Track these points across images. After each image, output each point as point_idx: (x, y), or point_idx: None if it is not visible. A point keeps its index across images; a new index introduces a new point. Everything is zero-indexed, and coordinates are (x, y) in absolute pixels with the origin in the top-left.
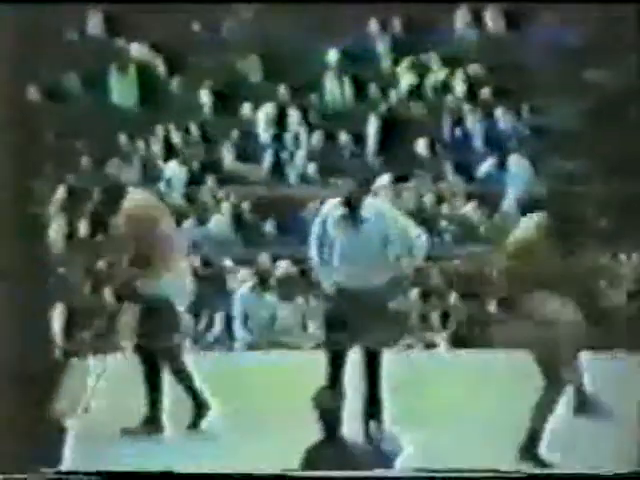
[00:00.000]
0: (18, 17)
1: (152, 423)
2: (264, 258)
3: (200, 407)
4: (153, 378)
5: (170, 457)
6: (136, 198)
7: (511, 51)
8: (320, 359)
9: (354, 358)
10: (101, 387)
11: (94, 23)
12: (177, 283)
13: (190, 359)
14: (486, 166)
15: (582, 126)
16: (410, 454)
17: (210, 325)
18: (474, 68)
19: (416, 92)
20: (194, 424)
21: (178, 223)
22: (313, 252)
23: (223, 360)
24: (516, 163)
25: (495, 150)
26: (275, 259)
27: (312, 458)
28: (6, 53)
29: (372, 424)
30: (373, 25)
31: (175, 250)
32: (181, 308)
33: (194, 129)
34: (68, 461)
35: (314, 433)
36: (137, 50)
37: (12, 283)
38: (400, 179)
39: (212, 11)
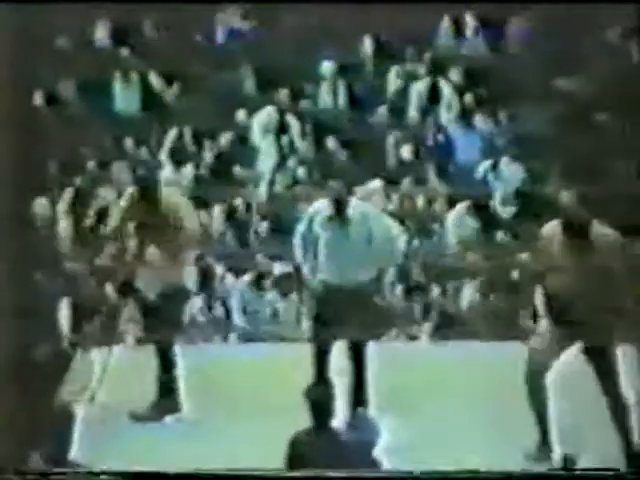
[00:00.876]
0: (20, 23)
1: (160, 408)
2: (259, 257)
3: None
4: (164, 365)
5: (167, 443)
6: (170, 193)
7: (490, 60)
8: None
9: (340, 350)
10: (107, 377)
11: (99, 32)
12: (191, 274)
13: (186, 350)
14: (482, 168)
15: (555, 131)
16: (391, 440)
17: (208, 312)
18: (456, 76)
19: (402, 99)
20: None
21: None
22: (297, 250)
23: (217, 351)
24: (507, 165)
25: (477, 155)
26: (270, 257)
27: (299, 447)
28: (9, 60)
29: (354, 411)
30: (362, 34)
31: (196, 243)
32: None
33: (192, 135)
34: (76, 447)
35: (304, 423)
36: (136, 58)
37: (21, 279)
38: (390, 183)
39: (210, 22)
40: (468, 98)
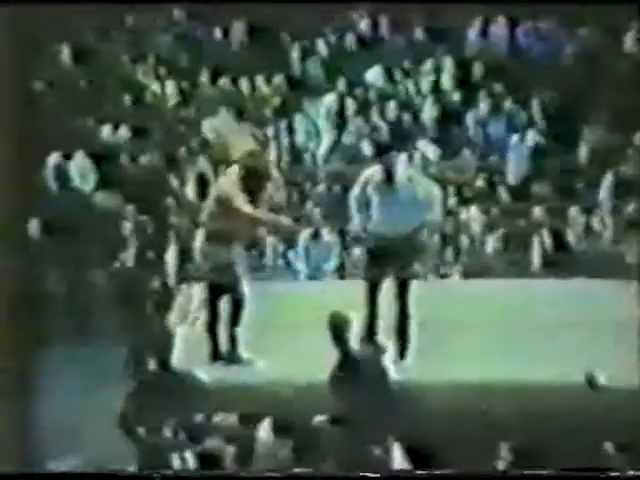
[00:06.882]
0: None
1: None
2: (316, 213)
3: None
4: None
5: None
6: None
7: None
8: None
9: (388, 286)
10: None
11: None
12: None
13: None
14: (514, 140)
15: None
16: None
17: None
18: (480, 67)
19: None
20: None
21: None
22: (353, 209)
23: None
24: (533, 138)
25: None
26: (325, 216)
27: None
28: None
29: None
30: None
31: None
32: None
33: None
34: (177, 353)
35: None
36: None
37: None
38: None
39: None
40: (498, 86)
